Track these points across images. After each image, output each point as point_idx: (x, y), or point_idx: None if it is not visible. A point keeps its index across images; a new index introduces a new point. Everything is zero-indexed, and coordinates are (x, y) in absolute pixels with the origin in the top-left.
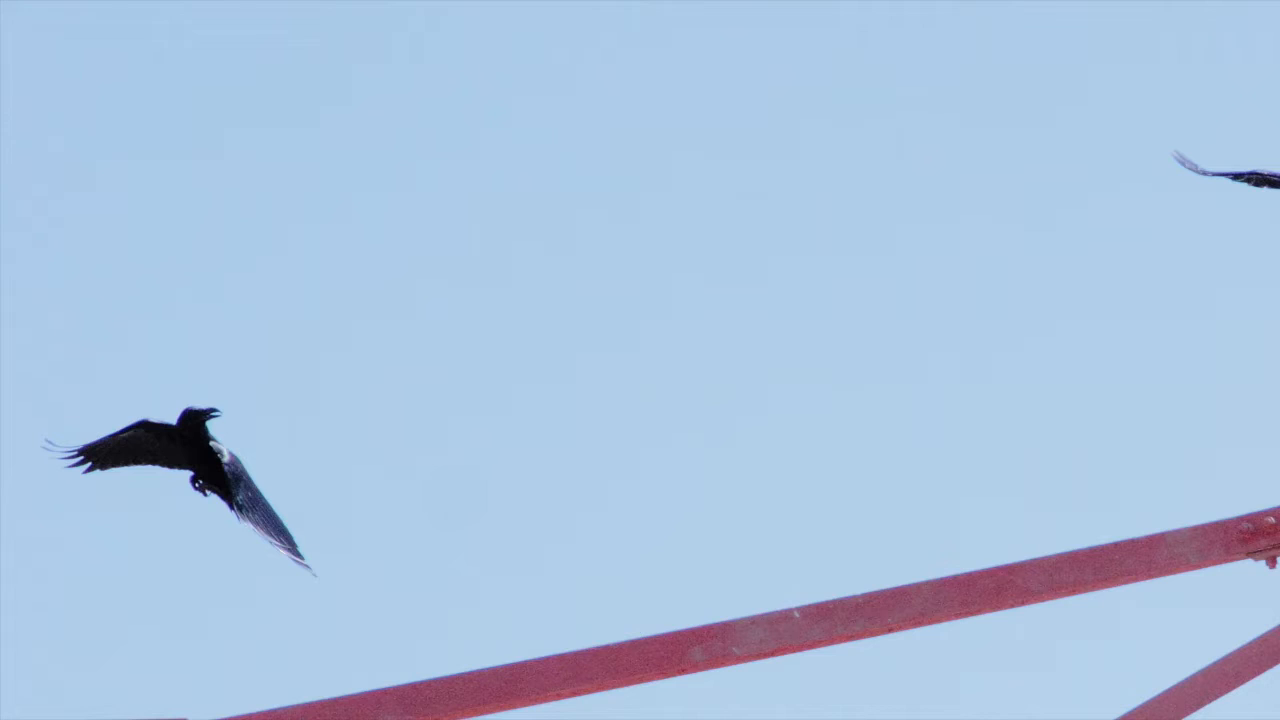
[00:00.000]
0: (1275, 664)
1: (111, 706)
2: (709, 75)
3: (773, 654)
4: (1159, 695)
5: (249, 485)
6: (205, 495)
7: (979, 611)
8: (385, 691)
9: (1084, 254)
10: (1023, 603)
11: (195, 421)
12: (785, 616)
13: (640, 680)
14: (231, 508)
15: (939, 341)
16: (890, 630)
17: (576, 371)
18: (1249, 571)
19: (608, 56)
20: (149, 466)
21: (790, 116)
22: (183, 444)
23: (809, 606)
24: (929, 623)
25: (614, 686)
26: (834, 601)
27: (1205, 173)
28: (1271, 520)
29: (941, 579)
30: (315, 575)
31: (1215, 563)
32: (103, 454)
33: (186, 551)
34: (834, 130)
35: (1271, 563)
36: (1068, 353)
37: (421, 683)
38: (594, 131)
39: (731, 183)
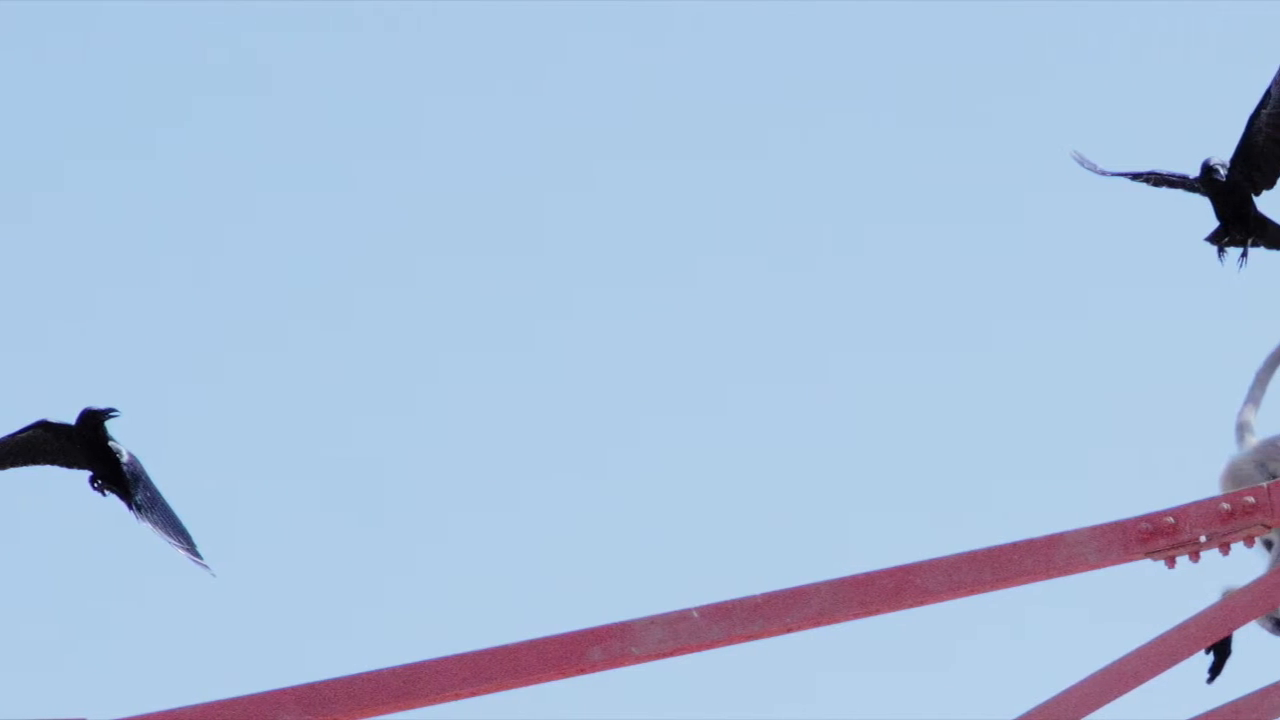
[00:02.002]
0: (1174, 664)
1: (9, 707)
2: (646, 75)
3: (672, 654)
4: (1058, 695)
5: (148, 485)
6: (104, 495)
7: (878, 611)
8: (284, 691)
9: (984, 255)
10: (921, 603)
11: (94, 422)
12: (684, 616)
13: (539, 680)
14: (130, 508)
15: (839, 342)
16: (789, 630)
17: (478, 371)
18: (1148, 571)
19: (550, 56)
20: (47, 466)
21: (725, 117)
22: (82, 444)
23: (708, 606)
24: (828, 623)
25: (513, 686)
26: (733, 601)
27: (1104, 172)
28: (1170, 520)
29: (840, 579)
30: (214, 575)
31: (1114, 563)
32: (1, 454)
33: (84, 551)
34: (767, 130)
35: (1170, 563)
36: (967, 353)
37: (320, 683)
38: (531, 129)
39: (662, 182)
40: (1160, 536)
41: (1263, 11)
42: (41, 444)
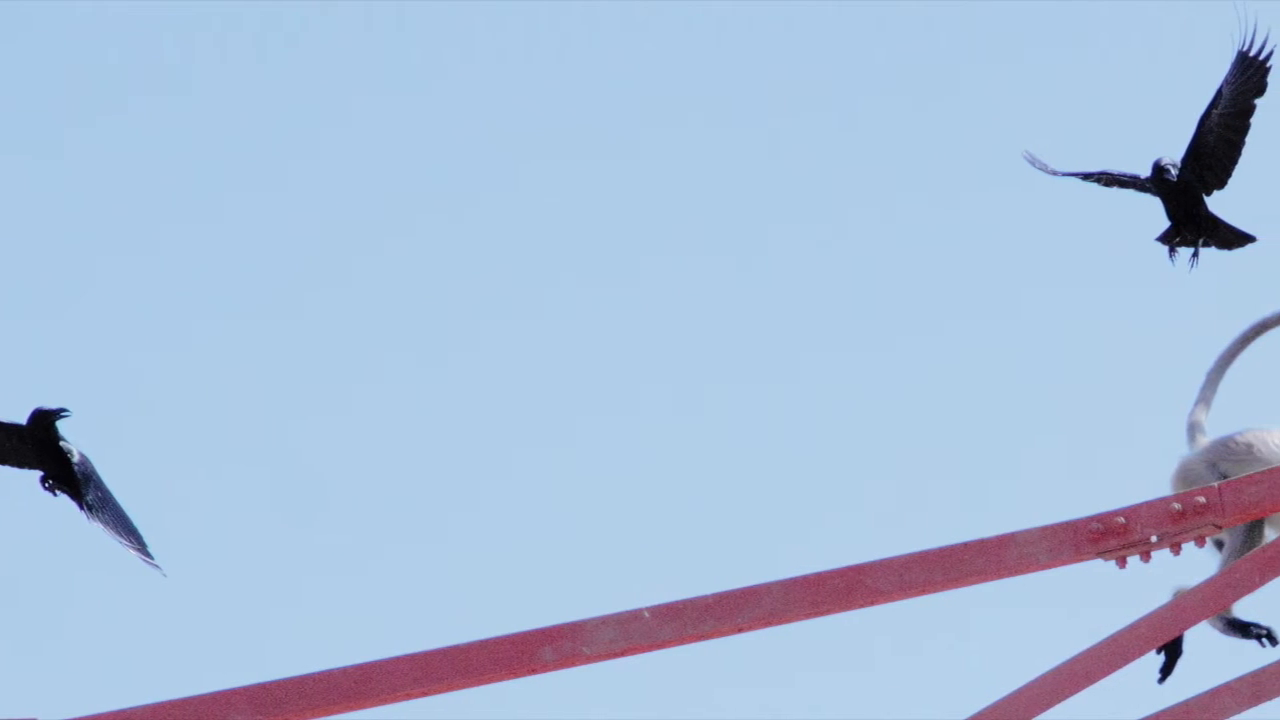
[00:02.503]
0: (1125, 664)
1: None
2: (600, 73)
3: (623, 654)
4: (1009, 695)
5: (99, 485)
6: (55, 495)
7: (829, 611)
8: (235, 691)
9: (935, 256)
10: (872, 603)
11: (45, 422)
12: (635, 616)
13: (490, 680)
14: (81, 508)
15: (789, 341)
16: (740, 630)
17: (425, 372)
18: (1099, 571)
19: (465, 57)
20: None
21: (643, 118)
22: (33, 444)
23: (659, 606)
24: (779, 623)
25: (464, 686)
26: (684, 601)
27: (1056, 173)
28: (1121, 520)
29: (791, 579)
30: (165, 575)
31: (1065, 563)
32: None
33: (36, 551)
34: (724, 131)
35: (1121, 563)
36: (920, 354)
37: (272, 683)
38: (483, 129)
39: (617, 180)
40: (1111, 536)
41: (1213, 12)
42: None
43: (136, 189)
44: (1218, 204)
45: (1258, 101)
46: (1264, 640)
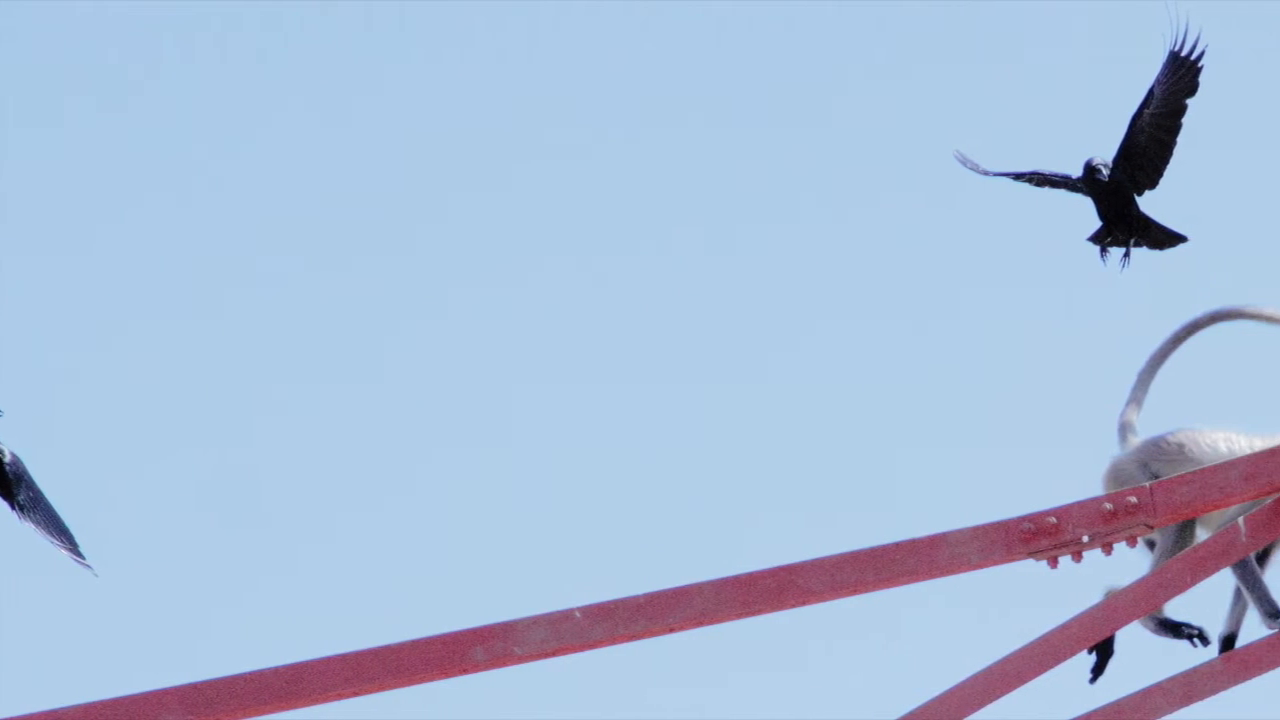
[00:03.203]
0: (1057, 664)
1: None
2: (502, 76)
3: (554, 654)
4: (941, 695)
5: (30, 485)
6: None
7: (760, 611)
8: (167, 691)
9: (865, 256)
10: (804, 603)
11: None
12: (567, 616)
13: (422, 680)
14: (13, 508)
15: (719, 343)
16: (672, 630)
17: (355, 371)
18: (1030, 571)
19: (394, 57)
20: None
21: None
22: None
23: (591, 606)
24: (710, 622)
25: (396, 686)
26: (615, 602)
27: (987, 173)
28: (1053, 520)
29: (723, 579)
30: (96, 575)
31: (997, 562)
32: None
33: None
34: (632, 132)
35: (1053, 563)
36: (851, 353)
37: (203, 683)
38: (390, 132)
39: (521, 183)
40: (1043, 536)
41: (1145, 12)
42: None
43: (66, 188)
44: (1149, 204)
45: (1189, 101)
46: (1195, 640)
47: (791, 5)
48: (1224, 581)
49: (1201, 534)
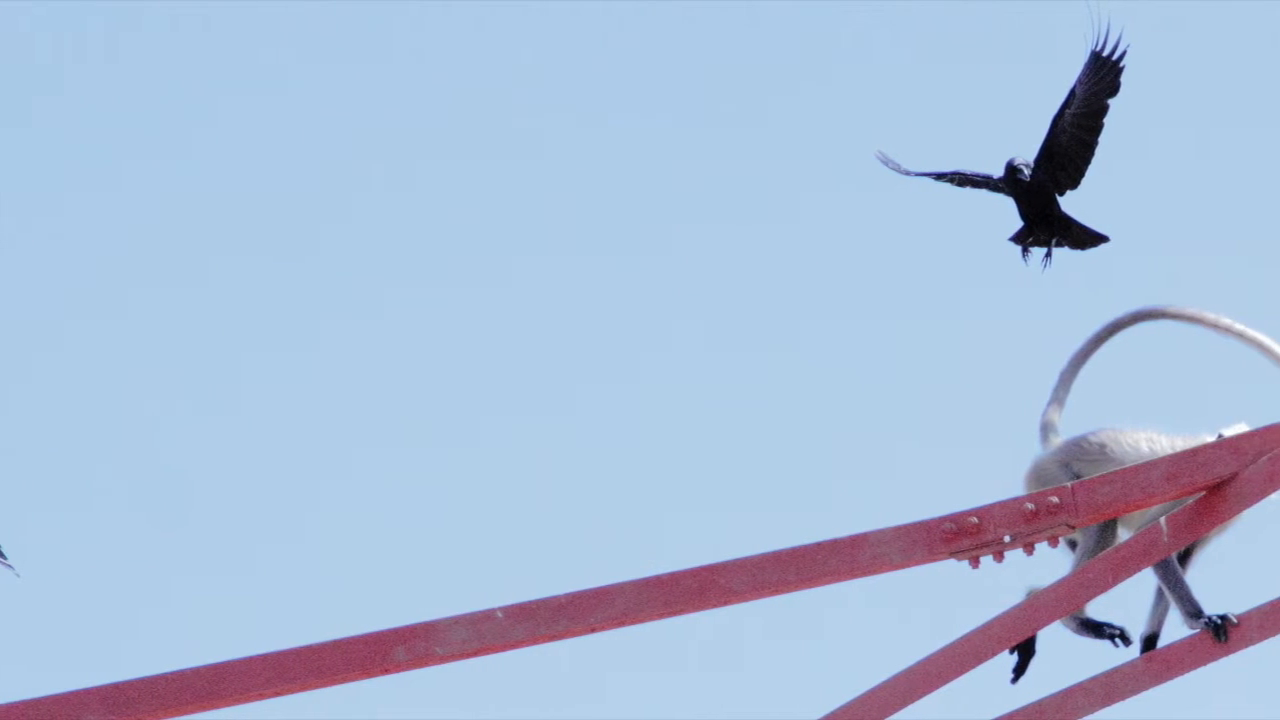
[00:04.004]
0: (978, 664)
1: None
2: (449, 75)
3: (475, 654)
4: (862, 695)
5: None
6: None
7: (682, 611)
8: (88, 691)
9: (788, 255)
10: (726, 603)
11: None
12: (488, 616)
13: (343, 680)
14: None
15: (641, 341)
16: (593, 630)
17: (278, 372)
18: (952, 571)
19: (320, 56)
20: None
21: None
22: None
23: (512, 607)
24: (632, 622)
25: (317, 686)
26: (537, 602)
27: (908, 173)
28: (974, 520)
29: (645, 579)
30: (18, 575)
31: (918, 563)
32: None
33: None
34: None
35: (975, 563)
36: (772, 353)
37: (124, 683)
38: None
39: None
40: (964, 536)
41: (1066, 12)
42: None
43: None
44: (1071, 204)
45: (1111, 101)
46: (1117, 640)
47: (723, 4)
48: (1145, 581)
49: (1123, 534)
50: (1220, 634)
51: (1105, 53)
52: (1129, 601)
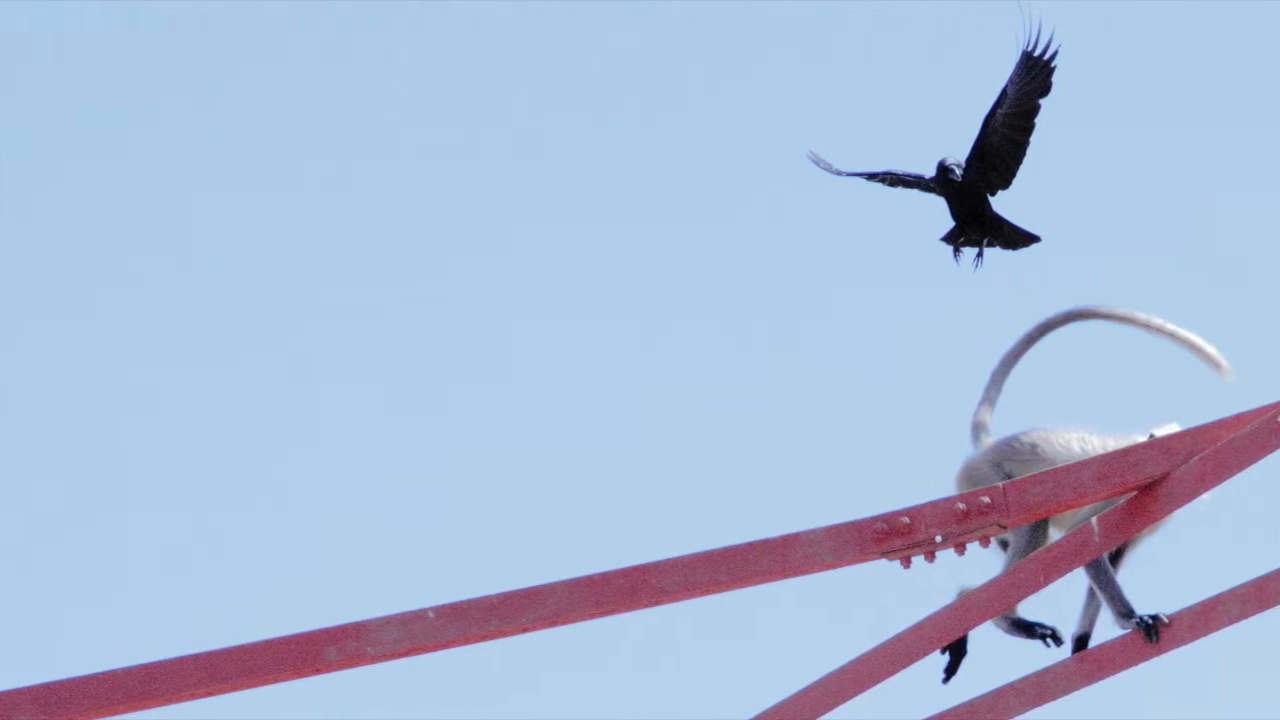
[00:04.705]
0: (910, 664)
1: None
2: (358, 76)
3: (408, 654)
4: (794, 695)
5: None
6: None
7: (614, 611)
8: (19, 691)
9: (718, 255)
10: (657, 602)
11: None
12: (419, 616)
13: (275, 680)
14: None
15: (570, 341)
16: (525, 630)
17: (212, 368)
18: (884, 571)
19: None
20: None
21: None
22: None
23: (443, 606)
24: (564, 622)
25: (249, 686)
26: (468, 601)
27: (840, 173)
28: (906, 520)
29: (576, 579)
30: None
31: (850, 562)
32: None
33: None
34: (476, 132)
35: (906, 563)
36: (707, 353)
37: (56, 683)
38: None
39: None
40: (896, 536)
41: (998, 12)
42: None
43: None
44: (1002, 204)
45: (1042, 102)
46: (1048, 640)
47: (645, 5)
48: (1077, 582)
49: (1055, 534)
50: (1152, 634)
51: (1037, 53)
52: (1060, 602)
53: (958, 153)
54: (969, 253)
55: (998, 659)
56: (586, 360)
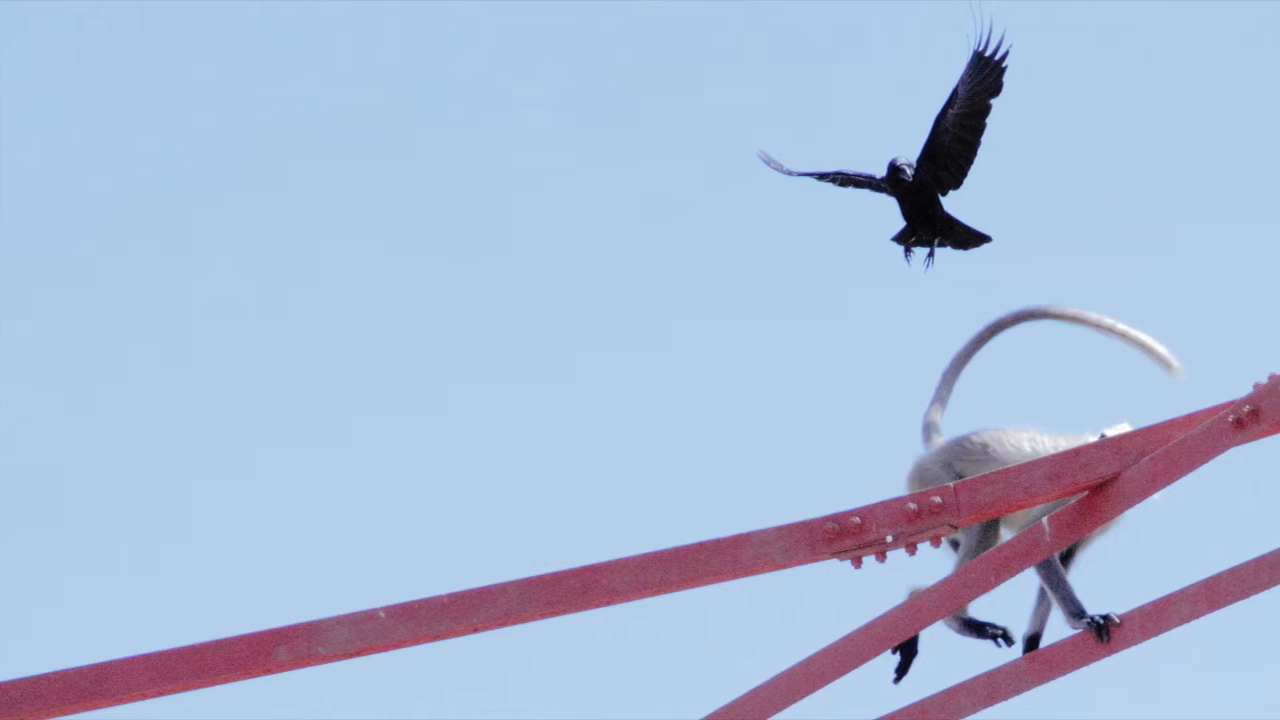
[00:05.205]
0: (861, 663)
1: None
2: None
3: (359, 654)
4: (745, 695)
5: None
6: None
7: (565, 611)
8: None
9: (667, 255)
10: (608, 603)
11: None
12: (371, 616)
13: (226, 680)
14: None
15: (515, 342)
16: (476, 630)
17: (162, 371)
18: (835, 571)
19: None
20: None
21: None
22: None
23: (395, 606)
24: (515, 622)
25: (200, 686)
26: (420, 601)
27: (791, 173)
28: (857, 520)
29: (527, 579)
30: None
31: (801, 562)
32: None
33: None
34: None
35: (857, 563)
36: (653, 353)
37: (6, 683)
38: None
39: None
40: (847, 536)
41: (949, 12)
42: None
43: None
44: (953, 204)
45: (993, 102)
46: (999, 640)
47: (605, 3)
48: (1028, 582)
49: (1005, 534)
50: (1103, 634)
51: (988, 53)
52: (1011, 602)
53: (909, 153)
54: (920, 252)
55: (949, 659)
56: (536, 360)
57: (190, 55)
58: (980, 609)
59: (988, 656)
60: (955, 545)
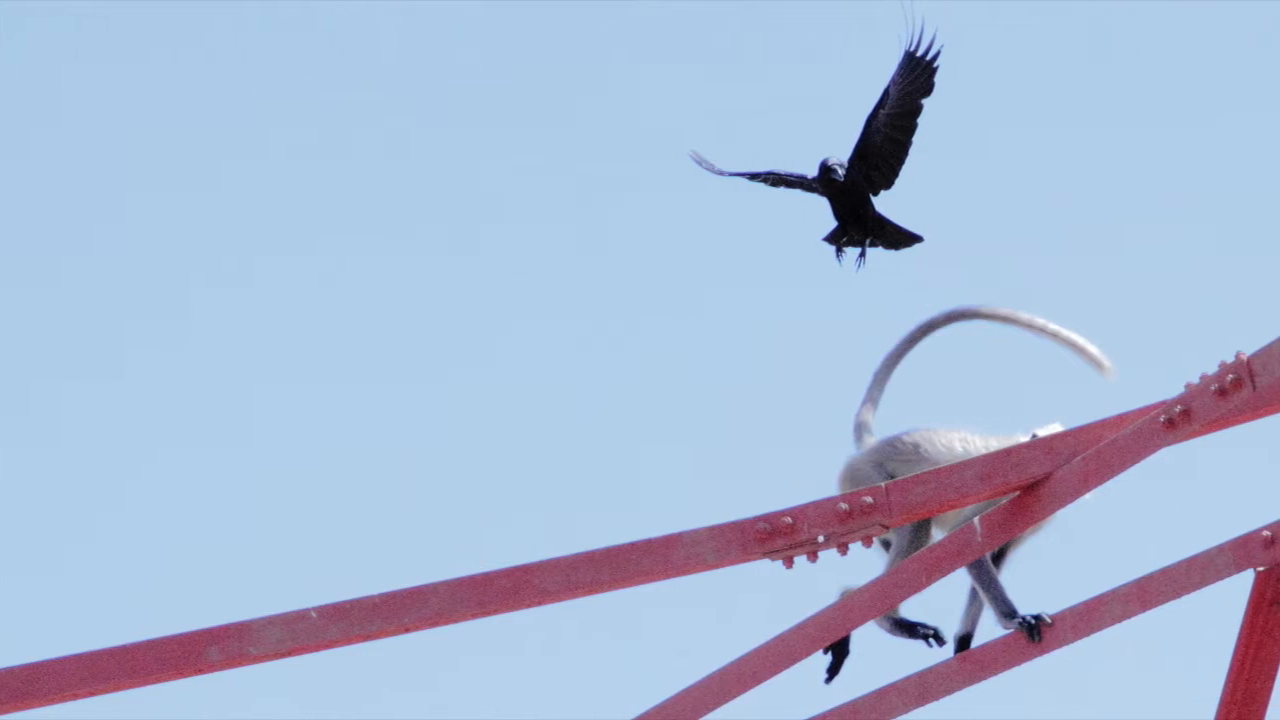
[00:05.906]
0: (793, 664)
1: None
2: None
3: (290, 654)
4: (676, 695)
5: None
6: None
7: (496, 611)
8: None
9: (601, 256)
10: (539, 603)
11: None
12: (302, 616)
13: (157, 680)
14: None
15: (455, 340)
16: (407, 630)
17: (91, 369)
18: (766, 571)
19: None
20: None
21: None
22: None
23: (326, 606)
24: (446, 622)
25: (130, 687)
26: (351, 601)
27: (722, 173)
28: (788, 520)
29: (458, 579)
30: None
31: (733, 562)
32: None
33: None
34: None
35: (788, 563)
36: (587, 354)
37: None
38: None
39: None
40: (778, 536)
41: (880, 11)
42: None
43: None
44: (885, 204)
45: (924, 102)
46: (930, 640)
47: (533, 3)
48: (959, 582)
49: (937, 534)
50: (1034, 634)
51: (919, 53)
52: (943, 602)
53: (840, 153)
54: (851, 253)
55: (880, 659)
56: (462, 361)
57: (190, 55)
58: (912, 609)
59: (919, 656)
60: (887, 545)
